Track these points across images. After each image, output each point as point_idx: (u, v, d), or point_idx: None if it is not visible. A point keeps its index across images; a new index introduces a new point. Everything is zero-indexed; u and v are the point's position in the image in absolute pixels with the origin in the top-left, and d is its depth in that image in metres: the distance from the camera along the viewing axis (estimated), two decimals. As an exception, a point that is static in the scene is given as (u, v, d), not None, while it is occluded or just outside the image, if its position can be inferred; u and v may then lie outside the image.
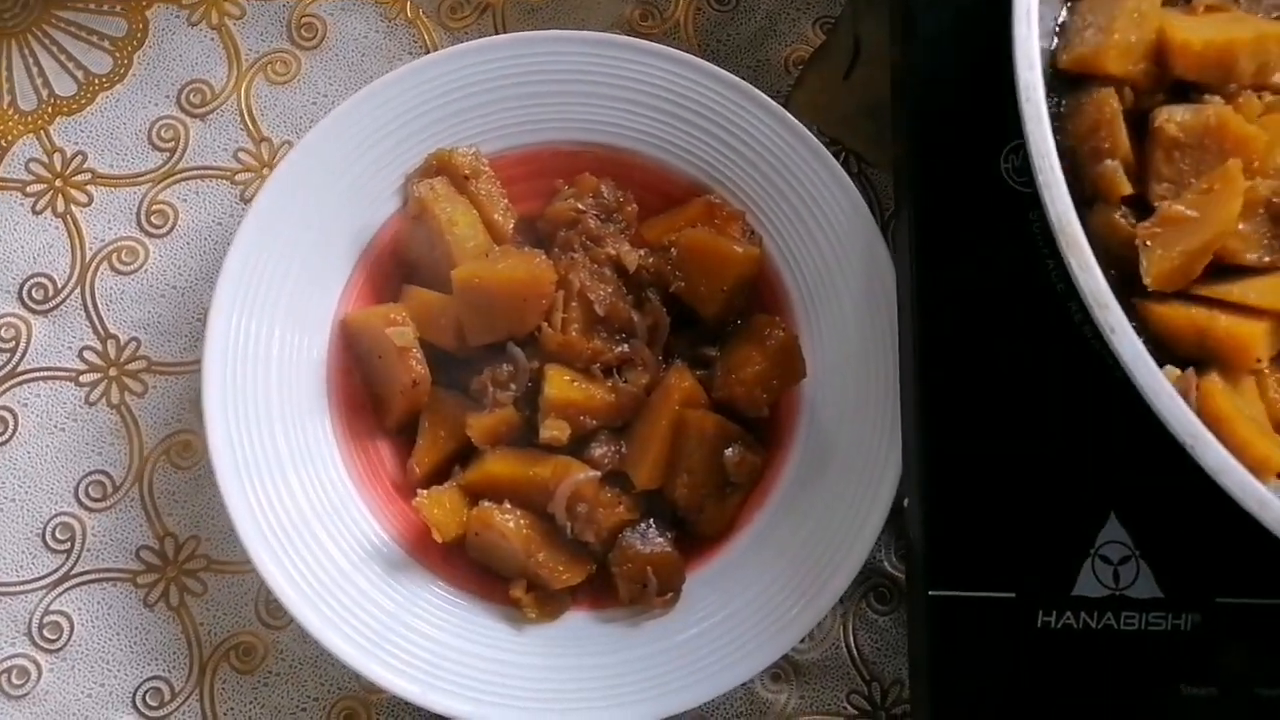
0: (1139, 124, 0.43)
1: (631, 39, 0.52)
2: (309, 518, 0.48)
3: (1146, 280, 0.39)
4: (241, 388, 0.48)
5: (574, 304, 0.48)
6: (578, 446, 0.47)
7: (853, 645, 0.51)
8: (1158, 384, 0.35)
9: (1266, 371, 0.39)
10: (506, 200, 0.51)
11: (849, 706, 0.50)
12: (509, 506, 0.47)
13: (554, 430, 0.46)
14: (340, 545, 0.48)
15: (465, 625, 0.48)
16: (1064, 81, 0.43)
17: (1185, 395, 0.36)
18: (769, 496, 0.49)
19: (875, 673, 0.51)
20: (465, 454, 0.49)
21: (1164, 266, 0.39)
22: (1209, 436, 0.34)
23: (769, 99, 0.51)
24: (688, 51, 0.52)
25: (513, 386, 0.47)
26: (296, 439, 0.48)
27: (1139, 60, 0.42)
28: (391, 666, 0.46)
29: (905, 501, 0.47)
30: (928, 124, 0.49)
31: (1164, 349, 0.37)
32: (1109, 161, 0.41)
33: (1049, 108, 0.39)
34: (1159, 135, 0.40)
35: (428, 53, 0.56)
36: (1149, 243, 0.40)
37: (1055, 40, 0.43)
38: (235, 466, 0.47)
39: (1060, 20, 0.44)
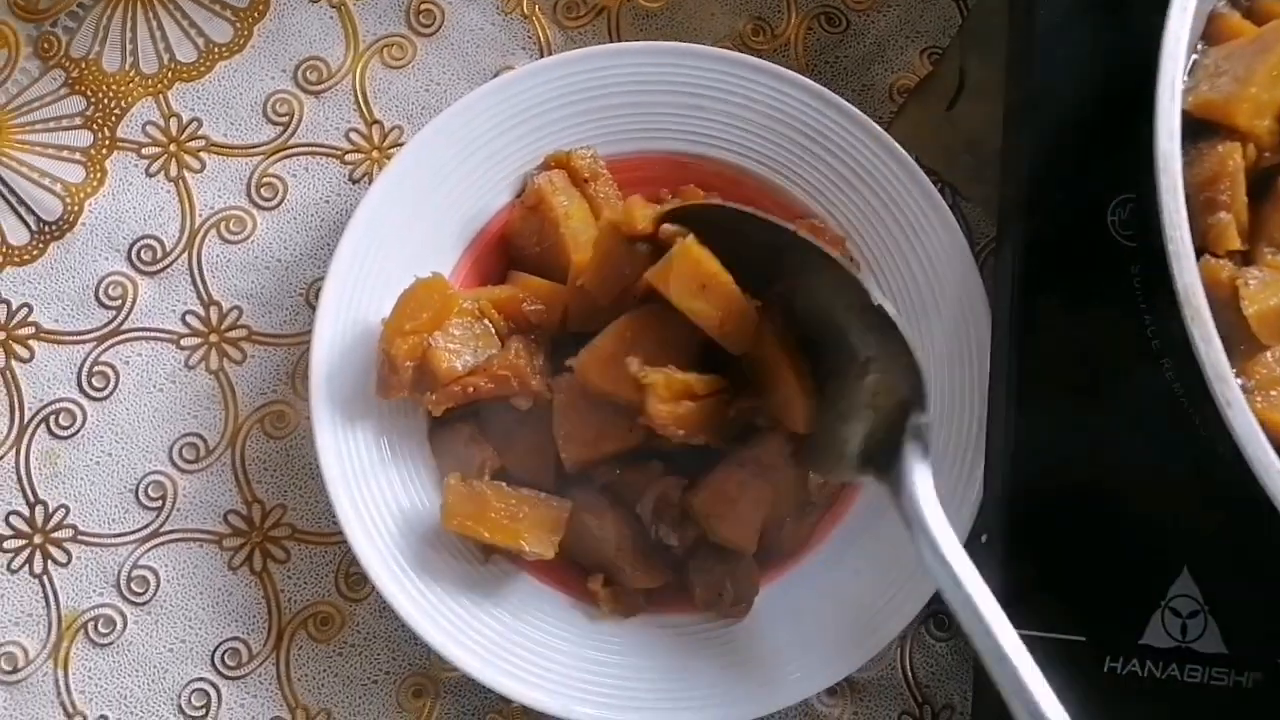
0: (1254, 182, 0.43)
1: (744, 56, 0.53)
2: (399, 494, 0.49)
3: (1248, 313, 0.39)
4: (347, 363, 0.49)
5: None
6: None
7: (908, 668, 0.52)
8: (1269, 460, 0.36)
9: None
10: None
11: (901, 727, 0.52)
12: (609, 499, 0.48)
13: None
14: (424, 523, 0.49)
15: (539, 614, 0.49)
16: (1184, 123, 0.43)
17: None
18: (845, 518, 0.50)
19: (928, 696, 0.52)
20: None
21: (1264, 307, 0.39)
22: (1314, 515, 0.35)
23: (876, 125, 0.52)
24: (796, 70, 0.53)
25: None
26: (396, 417, 0.50)
27: (1267, 118, 0.42)
28: (464, 645, 0.48)
29: (984, 538, 0.48)
30: (1038, 165, 0.50)
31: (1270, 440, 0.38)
32: (1223, 214, 0.41)
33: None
34: None
35: (541, 49, 0.57)
36: (1250, 283, 0.40)
37: (1185, 79, 0.43)
38: (335, 440, 0.48)
39: (1194, 60, 0.44)
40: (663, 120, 0.53)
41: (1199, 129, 0.42)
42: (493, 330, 0.49)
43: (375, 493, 0.49)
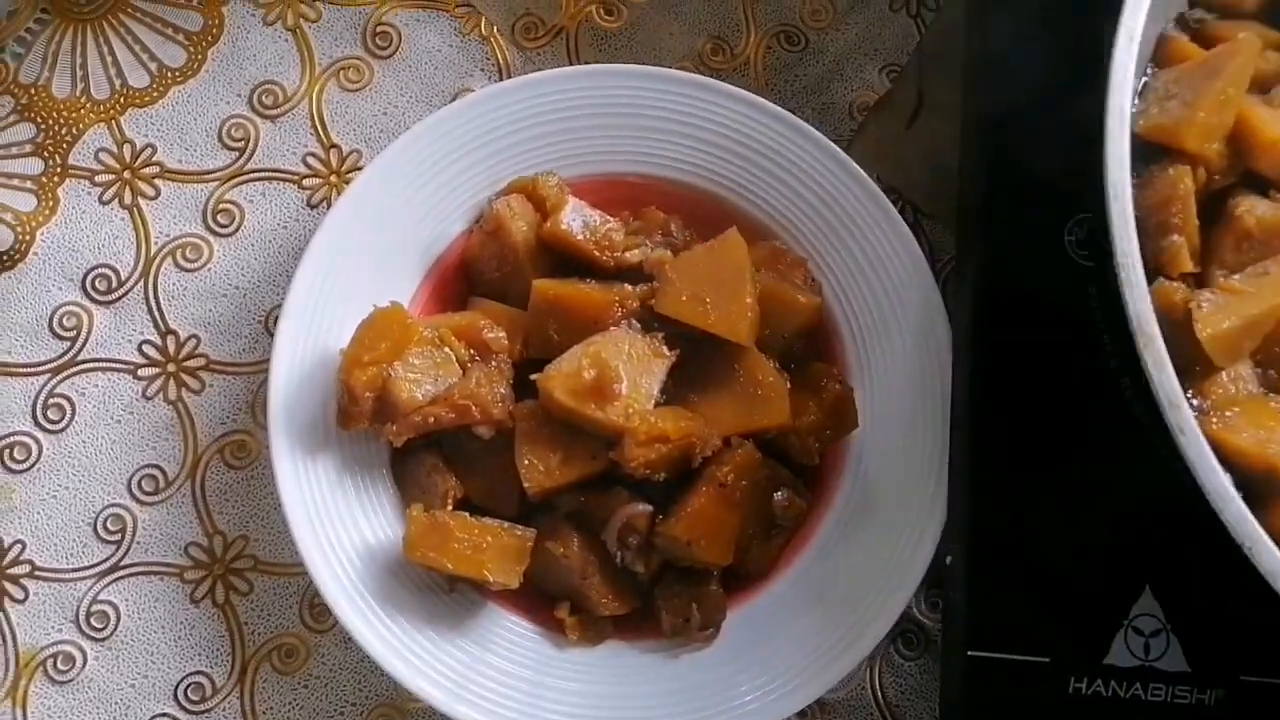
0: (1205, 205, 0.44)
1: (704, 78, 0.53)
2: (361, 525, 0.49)
3: (1202, 336, 0.40)
4: (307, 392, 0.49)
5: (639, 342, 0.49)
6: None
7: (878, 688, 0.52)
8: (1221, 486, 0.36)
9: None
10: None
11: (871, 747, 0.52)
12: (573, 526, 0.48)
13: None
14: (387, 554, 0.49)
15: (505, 643, 0.49)
16: (1135, 146, 0.43)
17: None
18: (811, 541, 0.51)
19: (898, 715, 0.52)
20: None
21: (1218, 330, 0.40)
22: (1267, 540, 0.36)
23: (834, 145, 0.52)
24: (755, 89, 0.53)
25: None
26: (357, 446, 0.49)
27: (1216, 141, 0.43)
28: (429, 677, 0.47)
29: (948, 559, 0.48)
30: (995, 184, 0.50)
31: (1224, 462, 0.38)
32: (1175, 237, 0.42)
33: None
34: (1235, 224, 0.41)
35: (500, 70, 0.57)
36: (1203, 305, 0.40)
37: (1135, 102, 0.43)
38: (295, 471, 0.48)
39: (1144, 82, 0.44)
40: (623, 143, 0.52)
41: (1150, 152, 0.42)
42: (453, 358, 0.49)
43: (337, 524, 0.48)
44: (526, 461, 0.47)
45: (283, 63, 0.56)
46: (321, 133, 0.55)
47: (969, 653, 0.45)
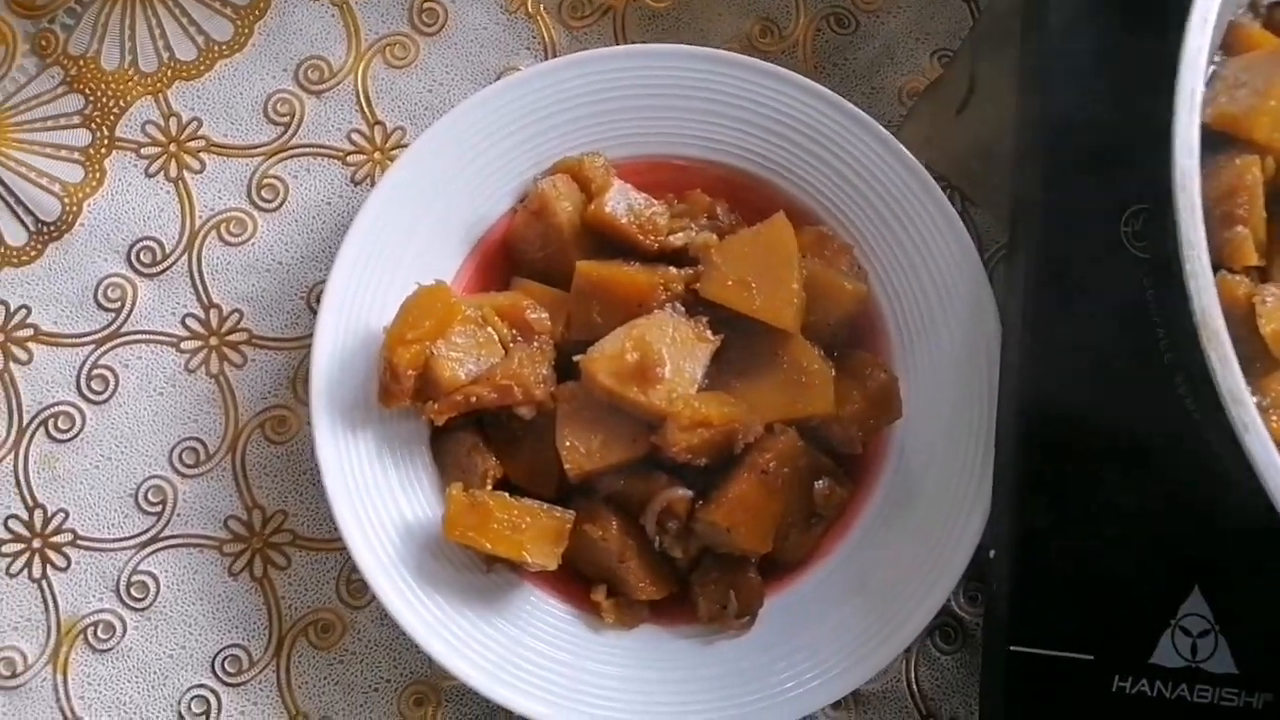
0: (1272, 197, 0.42)
1: (752, 60, 0.52)
2: (400, 502, 0.49)
3: (1265, 331, 0.39)
4: (349, 369, 0.49)
5: (683, 324, 0.48)
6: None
7: (914, 680, 0.52)
8: (1285, 486, 0.35)
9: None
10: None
11: (906, 740, 0.51)
12: (612, 509, 0.48)
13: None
14: (425, 532, 0.49)
15: (541, 625, 0.49)
16: (1202, 135, 0.41)
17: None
18: (851, 530, 0.50)
19: (933, 709, 0.52)
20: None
21: None
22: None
23: (884, 130, 0.51)
24: (804, 72, 0.52)
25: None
26: (397, 424, 0.49)
27: None
28: (465, 656, 0.47)
29: (991, 553, 0.47)
30: (1051, 173, 0.49)
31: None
32: (1240, 229, 0.41)
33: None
34: None
35: (545, 49, 0.56)
36: (1268, 300, 0.39)
37: (1203, 90, 0.42)
38: (336, 448, 0.48)
39: (1211, 70, 0.42)
40: (669, 124, 0.52)
41: (1216, 141, 0.41)
42: (496, 338, 0.48)
43: (376, 501, 0.48)
44: (567, 443, 0.47)
45: (329, 38, 0.56)
46: (366, 109, 0.55)
47: (1011, 648, 0.45)
